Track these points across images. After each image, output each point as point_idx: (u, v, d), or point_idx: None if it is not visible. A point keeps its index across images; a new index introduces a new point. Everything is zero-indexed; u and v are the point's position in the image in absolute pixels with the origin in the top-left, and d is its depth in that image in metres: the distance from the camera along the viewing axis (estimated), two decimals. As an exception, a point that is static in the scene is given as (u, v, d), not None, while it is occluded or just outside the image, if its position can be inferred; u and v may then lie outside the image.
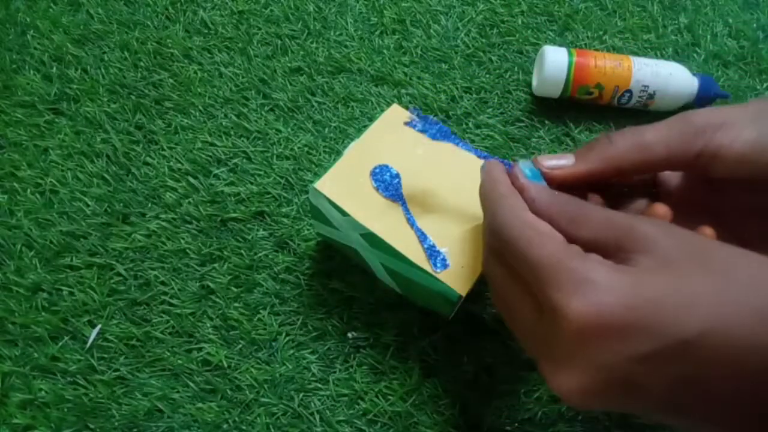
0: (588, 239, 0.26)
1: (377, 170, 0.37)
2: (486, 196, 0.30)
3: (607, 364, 0.22)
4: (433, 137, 0.38)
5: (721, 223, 0.32)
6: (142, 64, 0.53)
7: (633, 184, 0.34)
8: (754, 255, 0.24)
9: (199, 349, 0.41)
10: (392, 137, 0.39)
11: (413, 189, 0.37)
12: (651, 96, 0.51)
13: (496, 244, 0.28)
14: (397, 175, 0.37)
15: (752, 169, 0.28)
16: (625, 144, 0.30)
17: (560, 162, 0.32)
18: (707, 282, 0.23)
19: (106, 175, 0.48)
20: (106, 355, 0.41)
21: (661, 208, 0.31)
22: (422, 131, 0.37)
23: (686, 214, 0.32)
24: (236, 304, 0.43)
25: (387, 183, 0.37)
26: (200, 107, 0.51)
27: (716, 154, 0.29)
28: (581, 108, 0.53)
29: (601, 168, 0.31)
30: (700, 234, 0.30)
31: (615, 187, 0.34)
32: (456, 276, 0.35)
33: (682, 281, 0.23)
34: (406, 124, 0.37)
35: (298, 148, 0.49)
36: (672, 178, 0.34)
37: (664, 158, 0.30)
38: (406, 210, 0.36)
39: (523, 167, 0.30)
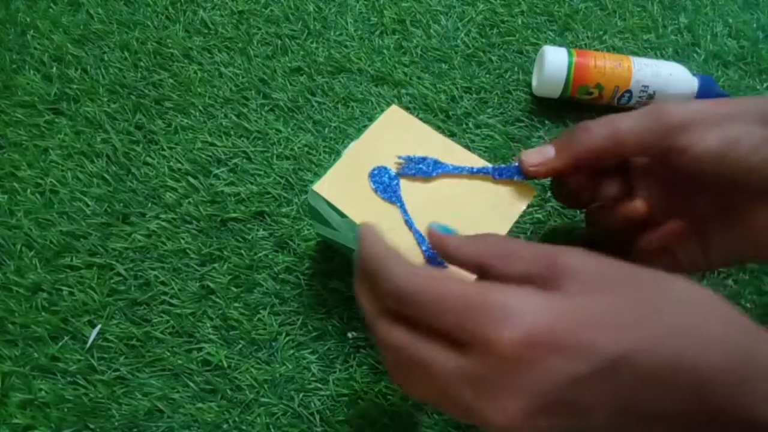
0: (521, 272, 0.25)
1: (376, 172, 0.37)
2: (370, 262, 0.28)
3: (543, 384, 0.22)
4: (430, 174, 0.38)
5: (690, 211, 0.35)
6: (142, 64, 0.54)
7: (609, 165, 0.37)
8: (674, 278, 0.25)
9: (199, 349, 0.41)
10: (391, 138, 0.39)
11: (412, 191, 0.37)
12: (651, 96, 0.51)
13: (395, 306, 0.26)
14: (396, 177, 0.37)
15: (715, 169, 0.31)
16: (602, 134, 0.33)
17: (543, 157, 0.35)
18: (628, 304, 0.24)
19: (106, 175, 0.48)
20: (106, 355, 0.41)
21: (638, 203, 0.35)
22: (416, 174, 0.37)
23: (661, 195, 0.35)
24: (236, 304, 0.43)
25: (385, 185, 0.37)
26: (200, 107, 0.51)
27: (682, 153, 0.31)
28: (581, 108, 0.53)
29: (581, 159, 0.34)
30: (669, 226, 0.35)
31: (593, 168, 0.36)
32: (455, 277, 0.35)
33: (604, 304, 0.23)
34: (398, 173, 0.37)
35: (298, 148, 0.49)
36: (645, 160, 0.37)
37: (638, 149, 0.33)
38: (405, 212, 0.36)
39: (436, 227, 0.31)
